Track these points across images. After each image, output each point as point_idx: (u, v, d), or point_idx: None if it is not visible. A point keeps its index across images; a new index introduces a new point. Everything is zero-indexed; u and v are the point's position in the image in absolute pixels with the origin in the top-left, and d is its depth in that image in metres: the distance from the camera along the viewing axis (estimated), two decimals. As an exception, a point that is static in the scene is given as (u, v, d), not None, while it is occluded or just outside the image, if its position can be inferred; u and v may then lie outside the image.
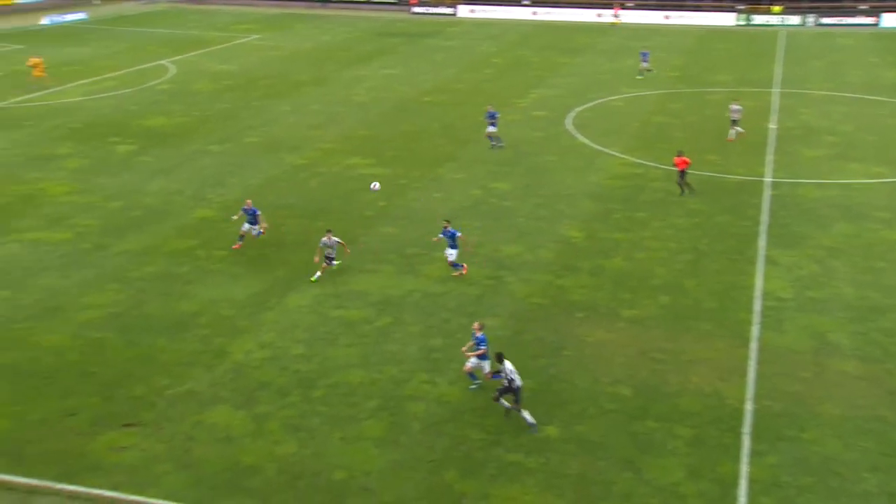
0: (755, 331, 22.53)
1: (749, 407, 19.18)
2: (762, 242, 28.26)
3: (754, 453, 17.64)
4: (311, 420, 18.68)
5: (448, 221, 26.09)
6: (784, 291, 24.72)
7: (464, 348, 20.25)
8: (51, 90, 49.30)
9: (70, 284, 24.96)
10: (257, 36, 71.13)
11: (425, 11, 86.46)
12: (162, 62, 58.80)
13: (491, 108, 39.45)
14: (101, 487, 16.32)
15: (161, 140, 39.89)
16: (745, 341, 22.02)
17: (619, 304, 24.22)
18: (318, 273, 25.31)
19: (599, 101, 48.66)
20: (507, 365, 18.55)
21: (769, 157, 37.37)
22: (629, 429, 18.57)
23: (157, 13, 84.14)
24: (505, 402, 18.73)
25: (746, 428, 18.46)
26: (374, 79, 54.58)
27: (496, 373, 19.19)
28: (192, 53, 62.36)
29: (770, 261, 26.82)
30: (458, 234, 25.80)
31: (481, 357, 19.71)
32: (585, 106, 47.29)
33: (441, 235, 25.97)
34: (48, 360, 20.89)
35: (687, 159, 32.40)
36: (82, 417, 18.57)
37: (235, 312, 23.44)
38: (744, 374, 20.47)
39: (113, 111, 44.89)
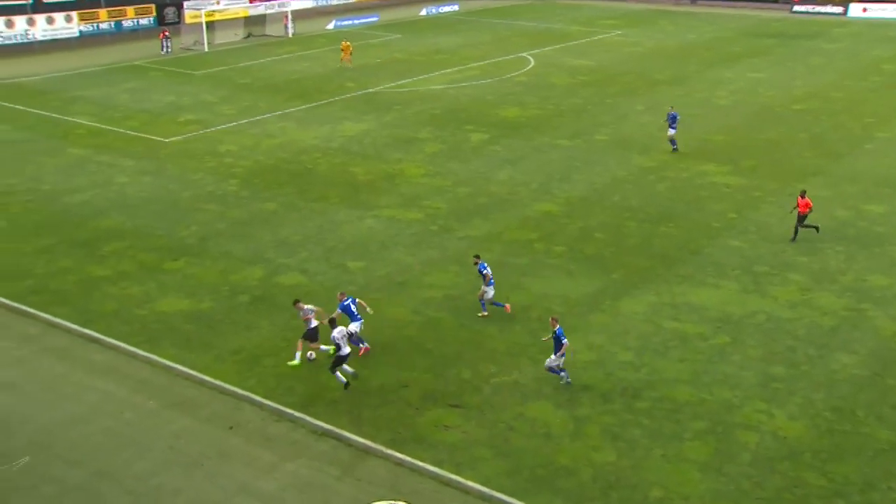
0: None
1: None
2: None
3: None
4: (633, 431, 18.49)
5: (478, 256, 23.70)
6: None
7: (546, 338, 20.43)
8: (417, 77, 53.75)
9: (415, 262, 27.08)
10: (619, 32, 71.49)
11: (809, 10, 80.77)
12: (522, 54, 61.41)
13: (672, 111, 37.61)
14: (424, 461, 17.56)
15: (513, 131, 41.72)
16: None
17: None
18: (298, 354, 20.89)
19: None
20: (338, 330, 19.48)
21: None
22: None
23: (523, 6, 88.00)
24: (342, 377, 19.66)
25: None
26: (738, 81, 52.28)
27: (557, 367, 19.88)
28: (553, 47, 64.36)
29: None
30: (486, 270, 22.98)
31: (556, 351, 19.84)
32: None
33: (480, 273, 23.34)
34: (390, 331, 22.88)
35: (809, 202, 27.61)
36: (414, 390, 20.10)
37: (566, 310, 23.87)
38: None
39: (471, 100, 47.81)
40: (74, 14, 63.57)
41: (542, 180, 34.68)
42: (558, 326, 19.87)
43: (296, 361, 20.85)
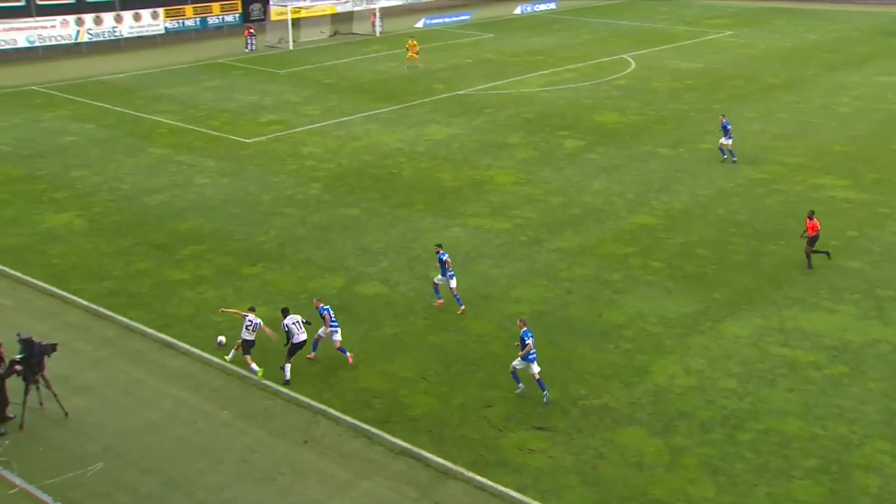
0: None
1: None
2: None
3: None
4: (735, 465, 18.03)
5: (440, 246, 25.09)
6: None
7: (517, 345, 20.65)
8: (510, 79, 53.77)
9: (502, 275, 27.05)
10: (730, 32, 70.17)
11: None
12: (623, 56, 60.86)
13: (724, 119, 37.13)
14: (507, 486, 17.47)
15: (610, 137, 41.35)
16: None
17: None
18: (232, 352, 22.01)
19: None
20: (290, 318, 21.03)
21: None
22: None
23: (625, 4, 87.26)
24: (288, 372, 20.94)
25: None
26: (864, 86, 50.66)
27: (539, 380, 20.17)
28: (656, 48, 63.59)
29: None
30: (445, 257, 24.47)
31: (526, 357, 20.12)
32: None
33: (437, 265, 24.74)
34: (474, 346, 22.91)
35: (817, 224, 26.57)
36: (498, 410, 20.06)
37: (663, 330, 23.50)
38: None
39: (567, 104, 47.60)
40: (161, 11, 65.96)
41: (640, 191, 34.24)
42: (525, 328, 20.31)
43: (259, 370, 21.40)
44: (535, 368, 20.29)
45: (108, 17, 63.33)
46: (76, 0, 62.53)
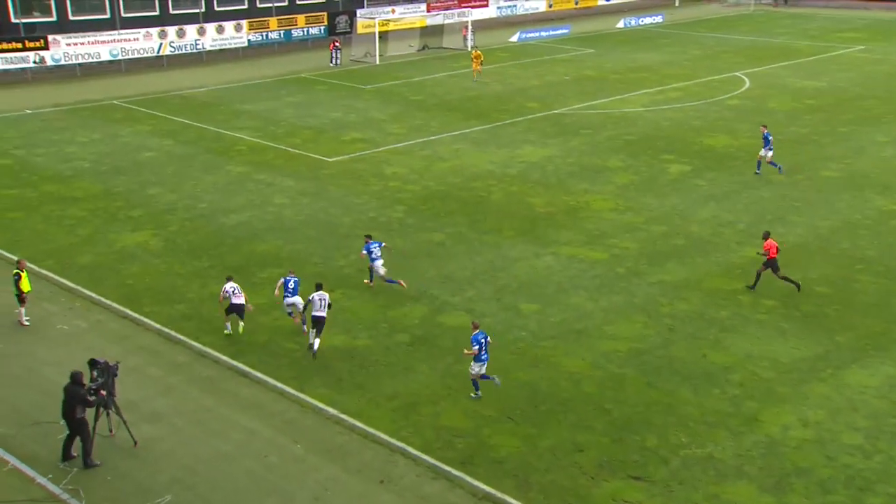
0: None
1: None
2: None
3: None
4: (855, 530, 17.40)
5: (369, 236, 28.25)
6: None
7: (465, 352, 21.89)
8: (610, 98, 53.51)
9: (597, 309, 26.80)
10: (861, 47, 68.57)
11: None
12: (736, 73, 60.01)
13: (765, 130, 37.65)
14: (597, 538, 17.25)
15: (719, 162, 40.72)
16: None
17: None
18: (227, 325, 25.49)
19: None
20: (318, 294, 23.69)
21: None
22: None
23: (740, 17, 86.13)
24: (314, 346, 23.76)
25: None
26: None
27: (484, 376, 21.76)
28: (774, 65, 62.52)
29: None
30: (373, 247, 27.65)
31: (476, 359, 21.51)
32: None
33: (364, 252, 27.85)
34: (565, 385, 22.71)
35: (774, 243, 26.67)
36: (589, 456, 19.81)
37: (776, 376, 22.90)
38: None
39: (672, 125, 47.11)
40: (244, 23, 67.95)
41: (751, 221, 33.58)
42: (477, 331, 21.68)
43: (228, 331, 25.34)
44: (477, 369, 21.76)
45: (190, 30, 65.54)
46: (160, 12, 64.99)
